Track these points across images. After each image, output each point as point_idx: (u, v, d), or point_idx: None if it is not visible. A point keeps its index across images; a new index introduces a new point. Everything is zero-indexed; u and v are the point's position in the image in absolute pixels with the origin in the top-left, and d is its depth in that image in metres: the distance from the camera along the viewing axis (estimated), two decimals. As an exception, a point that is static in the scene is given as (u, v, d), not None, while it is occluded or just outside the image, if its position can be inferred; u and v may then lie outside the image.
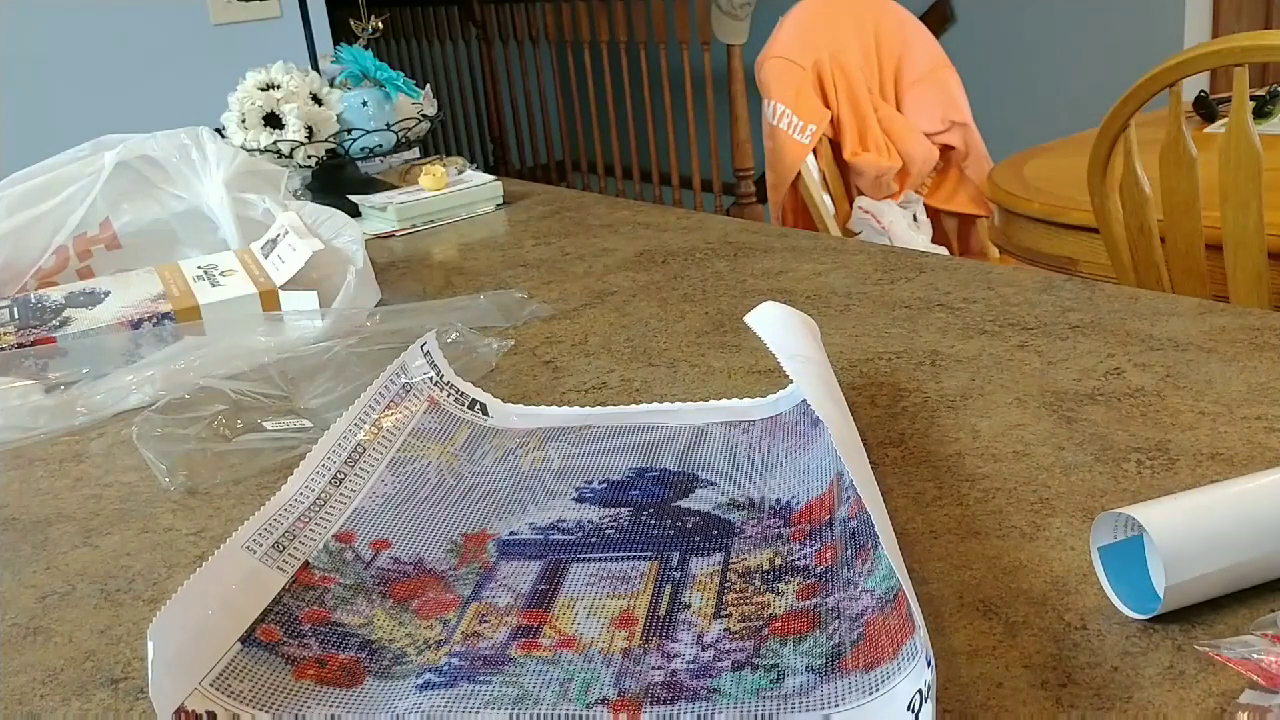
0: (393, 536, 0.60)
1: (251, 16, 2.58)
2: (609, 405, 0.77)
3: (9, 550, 0.66)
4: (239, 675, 0.47)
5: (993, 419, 0.69)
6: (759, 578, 0.54)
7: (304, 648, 0.50)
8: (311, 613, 0.53)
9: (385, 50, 4.98)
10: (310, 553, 0.57)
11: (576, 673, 0.48)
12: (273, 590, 0.53)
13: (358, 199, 1.38)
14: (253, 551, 0.55)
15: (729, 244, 1.14)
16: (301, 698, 0.47)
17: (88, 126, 1.22)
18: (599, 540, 0.59)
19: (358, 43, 1.46)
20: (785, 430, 0.69)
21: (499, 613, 0.53)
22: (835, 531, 0.56)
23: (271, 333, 0.92)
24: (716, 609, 0.52)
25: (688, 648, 0.49)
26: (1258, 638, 0.43)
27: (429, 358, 0.75)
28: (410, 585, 0.56)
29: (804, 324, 0.71)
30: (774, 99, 2.29)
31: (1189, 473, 0.61)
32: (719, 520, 0.60)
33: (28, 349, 0.90)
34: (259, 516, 0.57)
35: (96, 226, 1.09)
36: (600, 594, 0.54)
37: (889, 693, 0.43)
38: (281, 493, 0.60)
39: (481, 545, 0.59)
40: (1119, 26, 3.57)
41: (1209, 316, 0.82)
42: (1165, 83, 1.36)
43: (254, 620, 0.51)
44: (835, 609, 0.50)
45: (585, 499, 0.63)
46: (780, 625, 0.50)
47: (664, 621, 0.51)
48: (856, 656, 0.46)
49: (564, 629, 0.52)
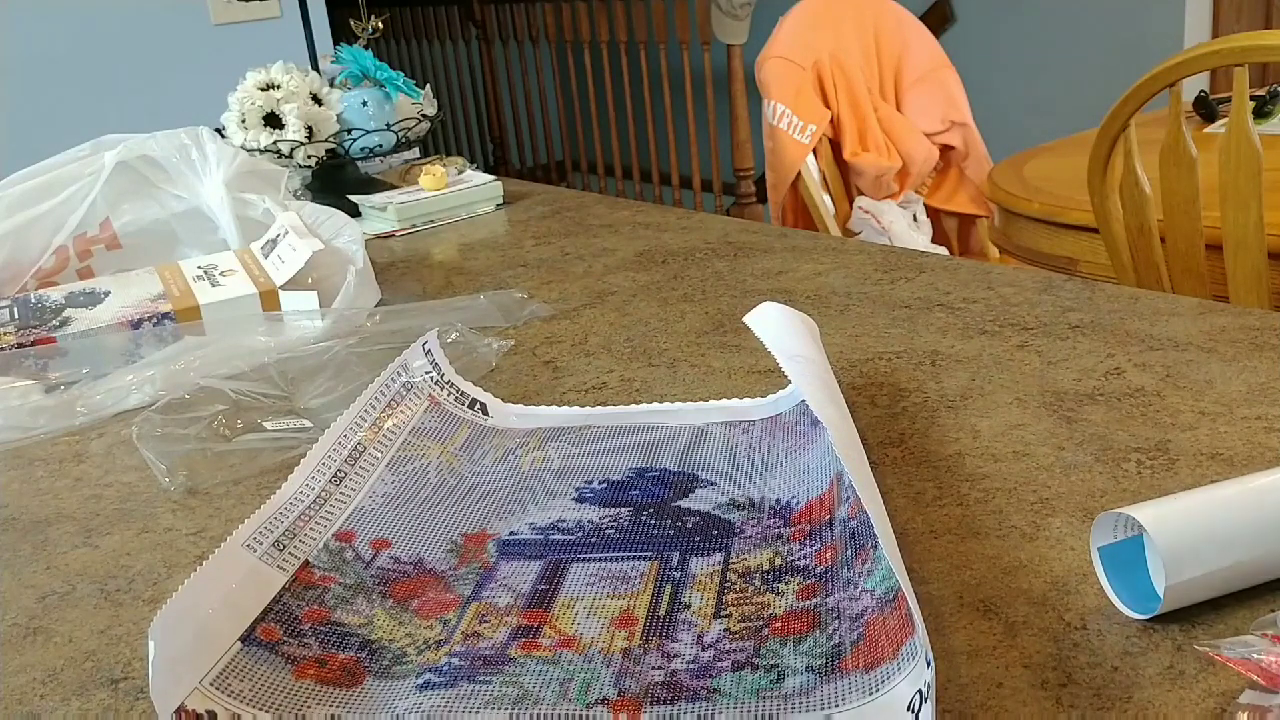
0: (393, 536, 0.60)
1: (251, 16, 2.58)
2: (609, 405, 0.77)
3: (9, 550, 0.66)
4: (239, 675, 0.47)
5: (993, 419, 0.69)
6: (759, 578, 0.54)
7: (304, 647, 0.50)
8: (312, 612, 0.53)
9: (385, 50, 4.98)
10: (310, 552, 0.57)
11: (576, 673, 0.48)
12: (273, 589, 0.53)
13: (358, 199, 1.38)
14: (253, 550, 0.55)
15: (729, 244, 1.14)
16: (301, 697, 0.47)
17: (88, 126, 1.22)
18: (599, 540, 0.59)
19: (358, 43, 1.46)
20: (785, 430, 0.69)
21: (499, 613, 0.53)
22: (835, 531, 0.56)
23: (271, 333, 0.92)
24: (716, 609, 0.52)
25: (688, 648, 0.49)
26: (1258, 638, 0.43)
27: (430, 357, 0.75)
28: (410, 585, 0.56)
29: (803, 324, 0.71)
30: (774, 99, 2.29)
31: (1189, 473, 0.61)
32: (719, 520, 0.60)
33: (28, 349, 0.90)
34: (259, 515, 0.57)
35: (96, 226, 1.09)
36: (600, 594, 0.54)
37: (889, 693, 0.43)
38: (282, 491, 0.60)
39: (481, 545, 0.59)
40: (1119, 26, 3.57)
41: (1209, 316, 0.82)
42: (1165, 83, 1.36)
43: (254, 619, 0.51)
44: (835, 609, 0.50)
45: (585, 499, 0.63)
46: (780, 625, 0.50)
47: (664, 621, 0.51)
48: (856, 657, 0.46)
49: (564, 629, 0.52)
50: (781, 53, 2.32)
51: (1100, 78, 3.51)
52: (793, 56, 2.31)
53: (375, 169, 1.54)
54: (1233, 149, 1.32)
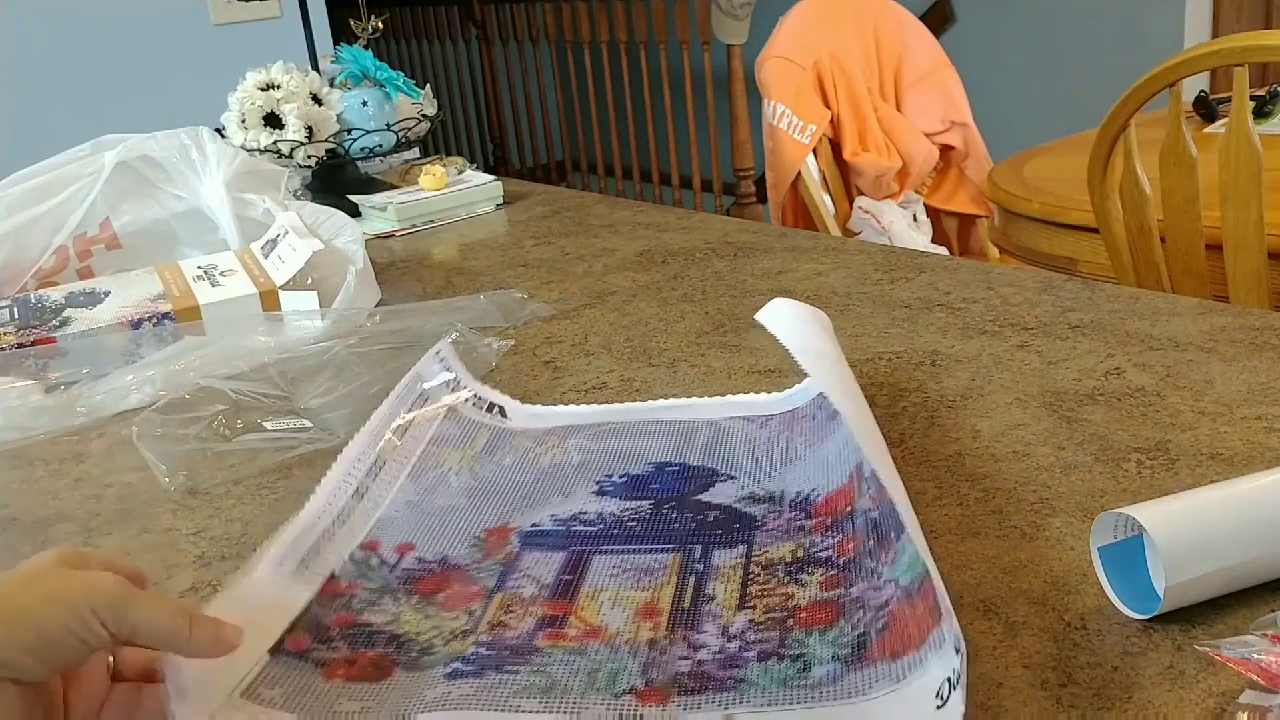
0: (416, 539, 0.60)
1: (251, 16, 2.58)
2: (612, 404, 0.77)
3: (9, 550, 0.66)
4: (269, 683, 0.47)
5: (993, 419, 0.69)
6: (782, 569, 0.55)
7: (333, 651, 0.50)
8: (340, 618, 0.53)
9: (385, 50, 4.98)
10: (336, 565, 0.57)
11: (604, 663, 0.48)
12: (299, 605, 0.53)
13: (358, 199, 1.38)
14: (275, 577, 0.54)
15: (729, 244, 1.14)
16: (333, 696, 0.47)
17: (88, 126, 1.22)
18: (621, 532, 0.59)
19: (358, 43, 1.46)
20: (802, 424, 0.69)
21: (524, 603, 0.53)
22: (857, 523, 0.56)
23: (271, 333, 0.92)
24: (740, 600, 0.52)
25: (713, 638, 0.50)
26: (1258, 638, 0.43)
27: (444, 364, 0.75)
28: (435, 581, 0.56)
29: (816, 318, 0.72)
30: (774, 99, 2.29)
31: (1189, 473, 0.61)
32: (740, 514, 0.60)
33: (28, 349, 0.90)
34: (282, 543, 0.56)
35: (96, 226, 1.09)
36: (624, 585, 0.54)
37: (917, 680, 0.44)
38: (306, 512, 0.59)
39: (504, 538, 0.60)
40: (1119, 26, 3.57)
41: (1209, 316, 0.82)
42: (1165, 83, 1.36)
43: (282, 633, 0.51)
44: (859, 599, 0.51)
45: (606, 492, 0.64)
46: (805, 616, 0.51)
47: (689, 613, 0.52)
48: (882, 645, 0.47)
49: (589, 619, 0.52)
50: (781, 53, 2.32)
51: (1100, 78, 3.51)
52: (793, 56, 2.31)
53: (375, 169, 1.54)
54: (1233, 149, 1.32)
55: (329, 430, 0.76)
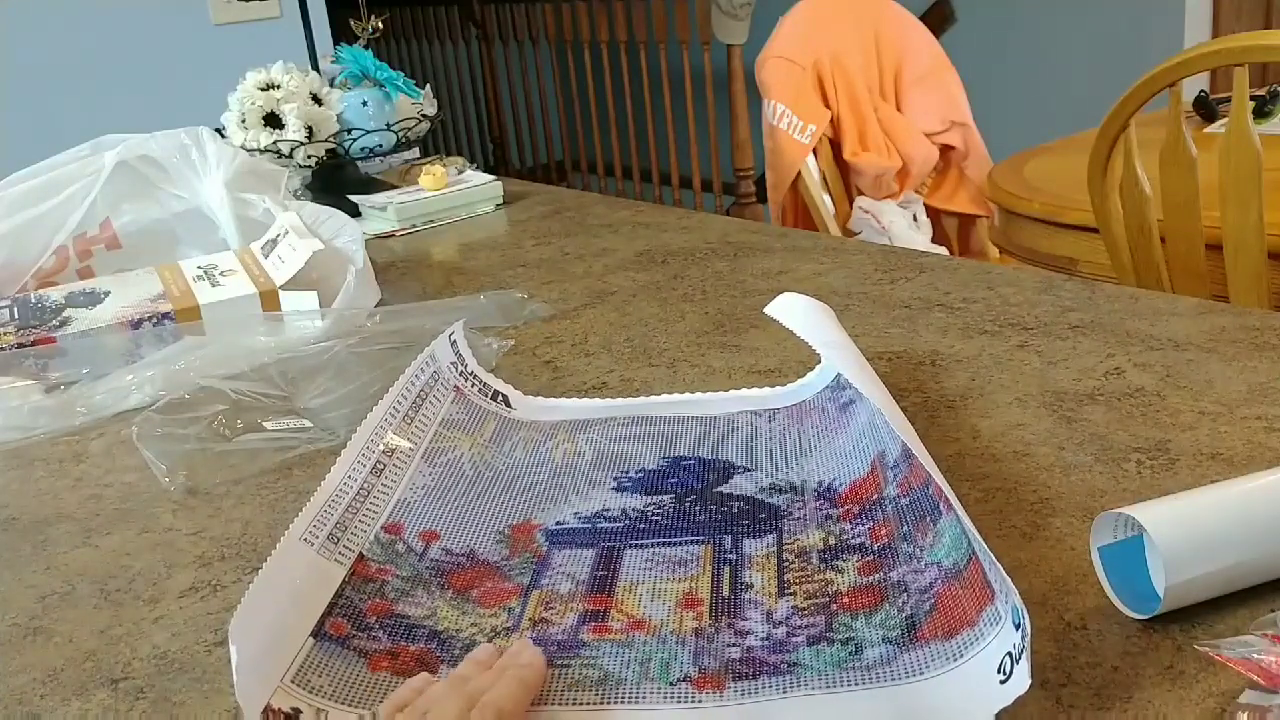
0: (440, 528, 0.60)
1: (251, 16, 2.58)
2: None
3: (9, 550, 0.66)
4: (316, 670, 0.48)
5: (993, 419, 0.69)
6: (816, 556, 0.55)
7: (374, 640, 0.51)
8: (375, 605, 0.53)
9: (385, 50, 4.98)
10: (363, 544, 0.57)
11: (654, 653, 0.49)
12: (334, 583, 0.54)
13: (358, 199, 1.38)
14: (310, 544, 0.55)
15: (729, 244, 1.14)
16: (380, 690, 0.48)
17: (88, 126, 1.22)
18: (647, 526, 0.60)
19: (358, 43, 1.46)
20: (812, 416, 0.70)
21: (563, 599, 0.54)
22: (887, 510, 0.57)
23: (271, 333, 0.92)
24: (780, 587, 0.53)
25: (759, 625, 0.50)
26: (1258, 638, 0.43)
27: (455, 347, 0.76)
28: (467, 576, 0.56)
29: (824, 312, 0.73)
30: (774, 99, 2.29)
31: (1189, 473, 0.61)
32: (763, 504, 0.61)
33: (28, 349, 0.90)
34: (311, 507, 0.57)
35: (96, 226, 1.09)
36: (660, 577, 0.55)
37: (975, 657, 0.44)
38: (327, 483, 0.60)
39: (529, 535, 0.60)
40: (1119, 26, 3.57)
41: (1209, 316, 0.82)
42: (1165, 83, 1.36)
43: (322, 614, 0.51)
44: (900, 583, 0.51)
45: (625, 488, 0.64)
46: (848, 600, 0.51)
47: (730, 601, 0.52)
48: (934, 626, 0.47)
49: (631, 612, 0.52)
50: (781, 52, 2.32)
51: (1100, 78, 3.51)
52: (793, 56, 2.31)
53: (375, 169, 1.54)
54: (1233, 149, 1.32)
55: (329, 430, 0.76)
